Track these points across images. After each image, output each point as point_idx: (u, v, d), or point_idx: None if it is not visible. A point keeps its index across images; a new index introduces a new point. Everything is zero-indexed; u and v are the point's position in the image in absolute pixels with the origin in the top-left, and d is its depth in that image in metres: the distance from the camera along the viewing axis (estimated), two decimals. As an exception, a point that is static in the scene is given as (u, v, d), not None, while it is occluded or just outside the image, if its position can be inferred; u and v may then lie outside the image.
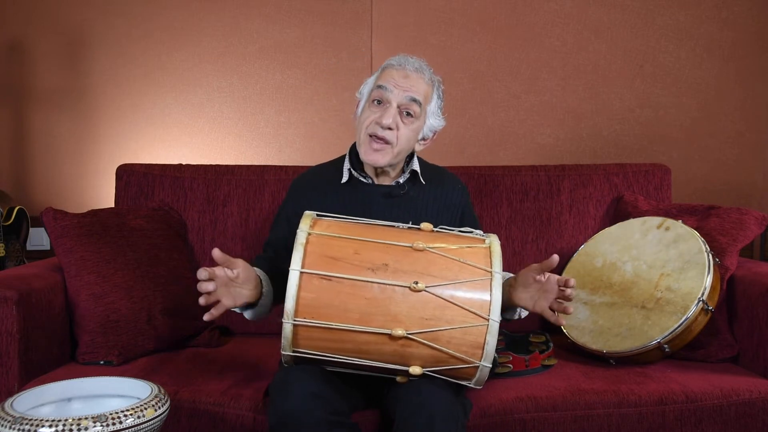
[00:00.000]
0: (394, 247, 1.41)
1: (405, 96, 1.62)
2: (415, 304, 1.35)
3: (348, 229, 1.46)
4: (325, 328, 1.35)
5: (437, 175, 1.80)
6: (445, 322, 1.35)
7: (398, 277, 1.37)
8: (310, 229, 1.42)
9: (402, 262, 1.38)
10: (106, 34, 2.77)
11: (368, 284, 1.36)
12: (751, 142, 2.85)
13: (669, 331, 1.76)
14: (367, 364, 1.39)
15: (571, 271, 2.08)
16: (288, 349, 1.38)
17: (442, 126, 1.73)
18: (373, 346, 1.36)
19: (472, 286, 1.38)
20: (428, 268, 1.38)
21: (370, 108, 1.65)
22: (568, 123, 2.83)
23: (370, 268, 1.37)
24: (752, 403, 1.67)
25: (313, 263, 1.37)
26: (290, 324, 1.35)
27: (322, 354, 1.39)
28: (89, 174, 2.81)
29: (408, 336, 1.34)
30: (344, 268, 1.37)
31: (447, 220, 1.71)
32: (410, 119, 1.64)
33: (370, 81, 1.71)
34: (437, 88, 1.70)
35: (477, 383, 1.41)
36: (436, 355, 1.37)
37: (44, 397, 1.37)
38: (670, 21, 2.80)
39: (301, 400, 1.35)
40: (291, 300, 1.34)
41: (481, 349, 1.36)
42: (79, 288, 1.84)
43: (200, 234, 2.18)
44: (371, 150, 1.64)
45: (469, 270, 1.40)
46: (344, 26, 2.78)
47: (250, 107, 2.81)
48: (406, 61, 1.67)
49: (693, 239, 1.87)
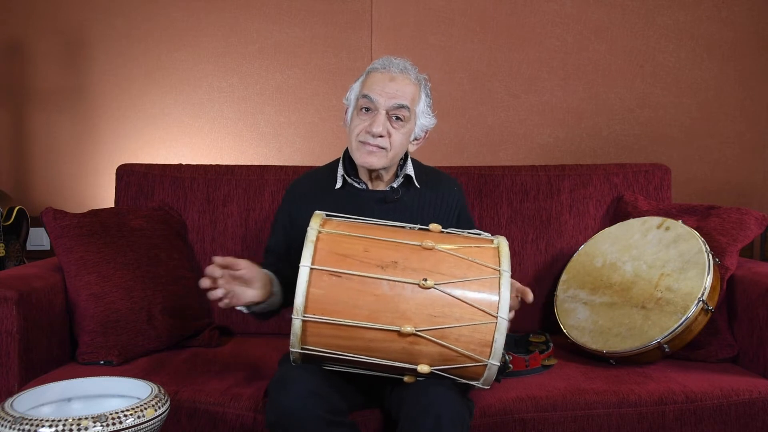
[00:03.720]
0: (403, 246, 1.42)
1: (392, 102, 1.61)
2: (424, 302, 1.36)
3: (357, 228, 1.46)
4: (334, 324, 1.35)
5: (432, 178, 1.79)
6: (453, 319, 1.35)
7: (407, 274, 1.37)
8: (320, 227, 1.43)
9: (411, 260, 1.39)
10: (106, 34, 2.77)
11: (377, 281, 1.36)
12: (751, 142, 2.85)
13: (669, 331, 1.76)
14: (375, 363, 1.39)
15: (571, 271, 2.08)
16: (297, 346, 1.38)
17: (433, 124, 1.72)
18: (381, 343, 1.36)
19: (480, 284, 1.38)
20: (437, 266, 1.39)
21: (359, 116, 1.64)
22: (568, 123, 2.83)
23: (379, 266, 1.37)
24: (752, 403, 1.67)
25: (323, 260, 1.37)
26: (300, 320, 1.35)
27: (331, 351, 1.38)
28: (89, 174, 2.81)
29: (416, 333, 1.34)
30: (354, 265, 1.37)
31: (443, 222, 1.70)
32: (400, 123, 1.63)
33: (356, 87, 1.69)
34: (424, 87, 1.68)
35: (485, 383, 1.41)
36: (444, 353, 1.37)
37: (44, 397, 1.37)
38: (670, 21, 2.80)
39: (299, 398, 1.35)
40: (301, 296, 1.34)
41: (489, 347, 1.36)
42: (79, 288, 1.84)
43: (200, 234, 2.18)
44: (366, 153, 1.63)
45: (477, 268, 1.40)
46: (344, 26, 2.78)
47: (250, 107, 2.81)
48: (390, 63, 1.65)
49: (693, 239, 1.87)
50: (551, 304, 2.07)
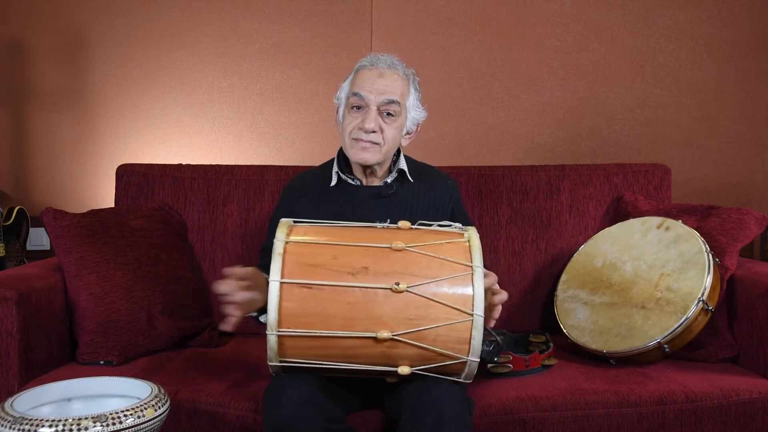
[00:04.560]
0: (372, 249, 1.40)
1: (382, 98, 1.63)
2: (398, 305, 1.35)
3: (325, 233, 1.45)
4: (310, 336, 1.34)
5: (425, 173, 1.81)
6: (429, 320, 1.35)
7: (379, 279, 1.36)
8: (286, 237, 1.41)
9: (381, 264, 1.38)
10: (106, 34, 2.77)
11: (349, 289, 1.35)
12: (751, 142, 2.85)
13: (669, 331, 1.76)
14: (356, 368, 1.39)
15: (571, 271, 2.08)
16: (275, 359, 1.37)
17: (424, 117, 1.74)
18: (359, 350, 1.36)
19: (453, 282, 1.37)
20: (408, 268, 1.38)
21: (350, 114, 1.66)
22: (568, 123, 2.83)
23: (350, 273, 1.36)
24: (752, 403, 1.67)
25: (293, 272, 1.36)
26: (274, 335, 1.34)
27: (310, 362, 1.38)
28: (89, 174, 2.81)
29: (393, 338, 1.34)
30: (324, 275, 1.36)
31: (437, 216, 1.71)
32: (392, 118, 1.66)
33: (346, 86, 1.71)
34: (413, 81, 1.71)
35: (466, 378, 1.41)
36: (423, 354, 1.36)
37: (44, 397, 1.37)
38: (670, 21, 2.80)
39: (295, 408, 1.34)
40: (273, 311, 1.33)
41: (467, 344, 1.36)
42: (79, 288, 1.84)
43: (200, 234, 2.18)
44: (359, 149, 1.65)
45: (449, 266, 1.39)
46: (344, 26, 2.78)
47: (250, 107, 2.81)
48: (377, 60, 1.67)
49: (693, 239, 1.87)
50: (551, 304, 2.07)
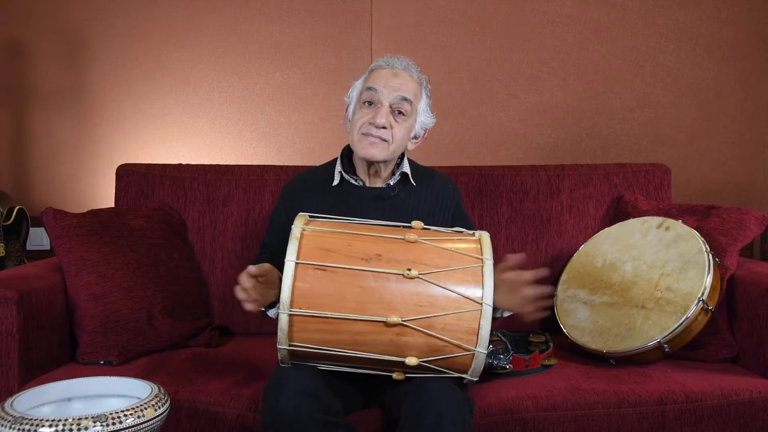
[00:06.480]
0: (386, 239, 1.44)
1: (396, 95, 1.64)
2: (409, 291, 1.37)
3: (341, 226, 1.49)
4: (321, 318, 1.36)
5: (428, 177, 1.81)
6: (439, 308, 1.37)
7: (392, 265, 1.39)
8: (304, 225, 1.45)
9: (395, 252, 1.41)
10: (106, 34, 2.77)
11: (363, 273, 1.38)
12: (751, 142, 2.85)
13: (669, 331, 1.76)
14: (363, 357, 1.40)
15: (571, 271, 2.08)
16: (284, 342, 1.38)
17: (432, 123, 1.76)
18: (368, 336, 1.37)
19: (464, 273, 1.40)
20: (421, 257, 1.41)
21: (362, 110, 1.67)
22: (568, 123, 2.83)
23: (363, 258, 1.39)
24: (752, 403, 1.67)
25: (308, 254, 1.39)
26: (286, 315, 1.36)
27: (317, 347, 1.39)
28: (89, 174, 2.81)
29: (403, 323, 1.35)
30: (338, 259, 1.39)
31: (438, 221, 1.71)
32: (402, 117, 1.67)
33: (359, 84, 1.73)
34: (425, 87, 1.73)
35: (473, 374, 1.42)
36: (431, 343, 1.37)
37: (44, 397, 1.37)
38: (670, 21, 2.80)
39: (294, 400, 1.35)
40: (287, 290, 1.36)
41: (475, 334, 1.37)
42: (79, 288, 1.84)
43: (200, 234, 2.18)
44: (368, 144, 1.65)
45: (460, 258, 1.42)
46: (344, 26, 2.78)
47: (250, 107, 2.81)
48: (393, 61, 1.70)
49: (693, 239, 1.87)
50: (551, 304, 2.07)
